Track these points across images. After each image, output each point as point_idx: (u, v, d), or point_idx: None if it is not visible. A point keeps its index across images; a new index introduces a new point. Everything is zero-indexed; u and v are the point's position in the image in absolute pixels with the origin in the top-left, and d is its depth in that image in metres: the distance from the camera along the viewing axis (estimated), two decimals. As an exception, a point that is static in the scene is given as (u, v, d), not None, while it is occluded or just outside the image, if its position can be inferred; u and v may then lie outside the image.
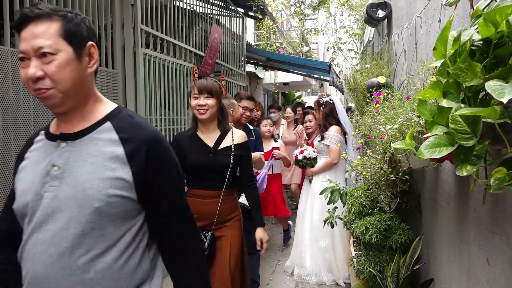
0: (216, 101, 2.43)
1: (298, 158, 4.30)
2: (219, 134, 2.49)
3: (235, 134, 2.54)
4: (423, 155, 1.08)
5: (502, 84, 0.89)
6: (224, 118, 2.53)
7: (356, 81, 4.30)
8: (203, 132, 2.51)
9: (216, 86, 2.45)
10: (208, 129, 2.50)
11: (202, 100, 2.41)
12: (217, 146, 2.47)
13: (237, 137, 2.52)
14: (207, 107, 2.41)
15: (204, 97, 2.41)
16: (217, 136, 2.49)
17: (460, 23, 1.75)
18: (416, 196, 2.77)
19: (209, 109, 2.41)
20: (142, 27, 3.81)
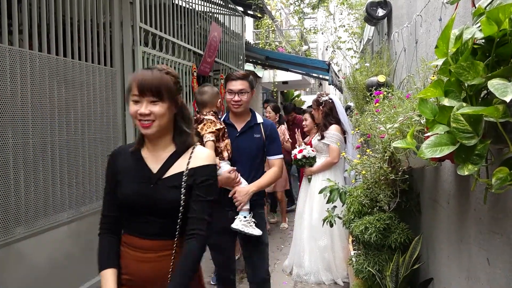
0: (168, 105, 1.57)
1: (297, 157, 4.29)
2: (171, 153, 1.65)
3: (196, 154, 1.65)
4: (424, 154, 1.07)
5: (505, 83, 0.88)
6: (188, 127, 1.68)
7: (356, 80, 4.29)
8: (149, 150, 1.67)
9: (167, 81, 1.57)
10: (156, 146, 1.65)
11: (145, 106, 1.53)
12: (163, 173, 1.62)
13: (197, 158, 1.64)
14: (153, 117, 1.54)
15: (148, 102, 1.54)
16: (167, 156, 1.64)
17: (461, 22, 1.74)
18: (416, 195, 2.77)
19: (156, 120, 1.55)
20: (141, 25, 3.80)
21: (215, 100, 2.71)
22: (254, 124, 2.70)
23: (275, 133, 2.78)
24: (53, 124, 2.82)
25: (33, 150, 2.65)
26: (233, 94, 2.62)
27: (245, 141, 2.67)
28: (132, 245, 1.63)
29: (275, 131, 2.79)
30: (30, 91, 2.62)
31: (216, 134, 2.55)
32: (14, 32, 2.53)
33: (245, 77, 2.67)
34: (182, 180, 1.59)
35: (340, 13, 7.95)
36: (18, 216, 2.54)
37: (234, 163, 2.64)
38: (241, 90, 2.62)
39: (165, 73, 1.59)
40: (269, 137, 2.73)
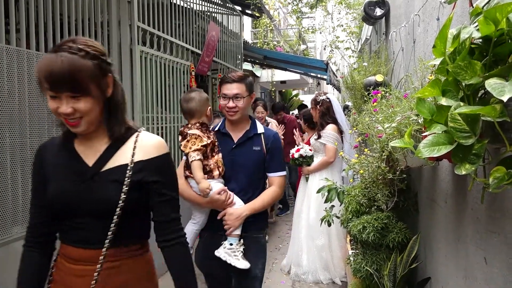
0: (94, 96, 1.25)
1: (294, 157, 4.29)
2: (109, 144, 1.37)
3: (142, 143, 1.38)
4: (422, 153, 1.07)
5: (502, 82, 0.88)
6: (118, 113, 1.36)
7: (354, 79, 4.30)
8: (82, 142, 1.39)
9: (85, 68, 1.20)
10: (90, 136, 1.37)
11: (66, 103, 1.22)
12: (101, 166, 1.35)
13: (144, 148, 1.37)
14: (78, 115, 1.25)
15: (68, 97, 1.22)
16: (105, 147, 1.37)
17: (458, 22, 1.74)
18: (414, 194, 2.77)
19: (84, 117, 1.26)
20: (139, 25, 3.79)
21: (204, 109, 2.30)
22: (253, 134, 2.29)
23: (278, 145, 2.35)
24: (51, 123, 2.81)
25: (30, 150, 2.64)
26: (227, 100, 2.23)
27: (242, 155, 2.27)
28: (68, 256, 1.34)
29: (278, 142, 2.35)
30: (28, 91, 2.61)
31: (202, 151, 2.18)
32: (12, 31, 2.52)
33: (242, 79, 2.26)
34: (125, 175, 1.31)
35: (338, 13, 7.96)
36: (15, 216, 2.53)
37: (228, 180, 2.26)
38: (237, 95, 2.22)
39: (81, 56, 1.19)
40: (270, 150, 2.30)
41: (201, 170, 2.16)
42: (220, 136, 2.31)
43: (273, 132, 2.37)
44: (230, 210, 2.19)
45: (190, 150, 2.16)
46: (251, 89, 2.31)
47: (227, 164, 2.25)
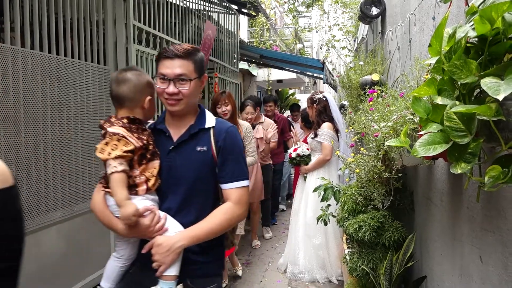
0: None
1: (292, 156, 4.30)
2: None
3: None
4: (418, 152, 1.07)
5: (497, 81, 0.88)
6: None
7: (350, 78, 4.30)
8: None
9: None
10: None
11: None
12: None
13: None
14: None
15: None
16: None
17: (454, 21, 1.74)
18: (409, 193, 2.78)
19: None
20: (135, 23, 3.77)
21: (140, 98, 1.65)
22: (199, 130, 1.66)
23: (234, 143, 1.69)
24: (45, 123, 2.80)
25: (25, 149, 2.62)
26: (166, 83, 1.58)
27: (182, 158, 1.64)
28: None
29: (234, 138, 1.69)
30: (22, 90, 2.59)
31: (127, 159, 1.55)
32: (6, 30, 2.51)
33: (188, 55, 1.61)
34: None
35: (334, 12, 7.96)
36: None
37: (164, 196, 1.65)
38: (181, 77, 1.58)
39: None
40: (222, 151, 1.65)
41: (124, 186, 1.53)
42: (156, 134, 1.68)
43: (227, 125, 1.71)
44: (159, 240, 1.52)
45: (109, 157, 1.52)
46: (202, 69, 1.66)
47: (163, 174, 1.64)
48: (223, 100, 3.77)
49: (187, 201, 1.63)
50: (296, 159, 4.29)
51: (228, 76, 6.79)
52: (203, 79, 1.68)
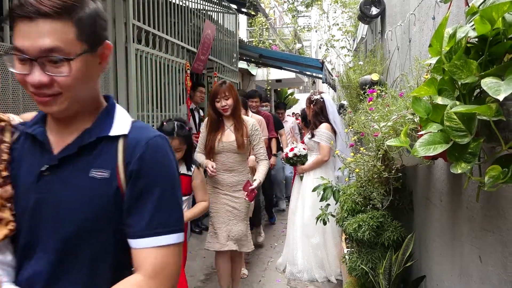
0: None
1: (288, 156, 4.30)
2: None
3: None
4: (418, 152, 1.07)
5: (498, 82, 0.88)
6: None
7: (349, 78, 4.30)
8: None
9: None
10: None
11: None
12: None
13: None
14: None
15: None
16: None
17: (454, 21, 1.74)
18: (409, 193, 2.78)
19: None
20: (134, 22, 3.77)
21: None
22: (98, 139, 0.98)
23: (161, 166, 1.00)
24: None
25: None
26: (27, 65, 0.89)
27: (62, 188, 0.96)
28: None
29: (161, 158, 1.00)
30: (21, 89, 2.59)
31: None
32: (6, 28, 2.50)
33: (63, 11, 0.88)
34: None
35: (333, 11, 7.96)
36: None
37: (25, 253, 0.96)
38: (51, 53, 0.88)
39: None
40: (136, 180, 0.96)
41: None
42: (25, 144, 1.03)
43: (151, 135, 1.01)
44: None
45: None
46: (94, 34, 0.98)
47: (24, 215, 0.96)
48: (222, 92, 3.22)
49: (66, 265, 0.95)
50: (292, 159, 4.29)
51: (227, 75, 6.79)
52: (102, 51, 1.00)
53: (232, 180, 3.35)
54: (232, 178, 3.35)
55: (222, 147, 3.30)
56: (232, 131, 3.33)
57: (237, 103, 3.31)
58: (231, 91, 3.25)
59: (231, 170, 3.35)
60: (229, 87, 3.24)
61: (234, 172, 3.36)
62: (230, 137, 3.31)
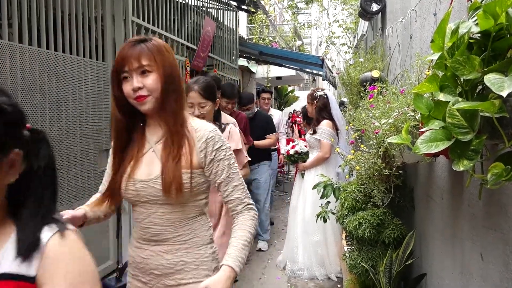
0: None
1: (289, 153, 4.28)
2: None
3: None
4: (420, 149, 1.06)
5: (501, 78, 0.87)
6: None
7: (350, 75, 4.29)
8: None
9: None
10: None
11: None
12: None
13: None
14: None
15: None
16: None
17: (456, 17, 1.73)
18: (410, 191, 2.77)
19: None
20: (133, 19, 3.75)
21: None
22: None
23: None
24: (44, 119, 2.78)
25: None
26: None
27: None
28: None
29: None
30: (20, 86, 2.57)
31: None
32: (4, 26, 2.49)
33: None
34: None
35: (334, 8, 7.94)
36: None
37: None
38: None
39: None
40: None
41: None
42: None
43: None
44: None
45: None
46: None
47: None
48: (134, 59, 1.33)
49: None
50: (294, 156, 4.27)
51: (227, 72, 6.77)
52: None
53: (162, 262, 1.49)
54: (161, 258, 1.50)
55: (134, 190, 1.46)
56: (158, 152, 1.47)
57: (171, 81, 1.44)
58: (155, 56, 1.41)
59: (159, 241, 1.49)
60: (152, 48, 1.41)
61: (166, 244, 1.49)
62: (152, 167, 1.46)
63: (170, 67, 1.43)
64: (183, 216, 1.47)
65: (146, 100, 1.39)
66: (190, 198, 1.45)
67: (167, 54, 1.44)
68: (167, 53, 1.44)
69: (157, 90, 1.39)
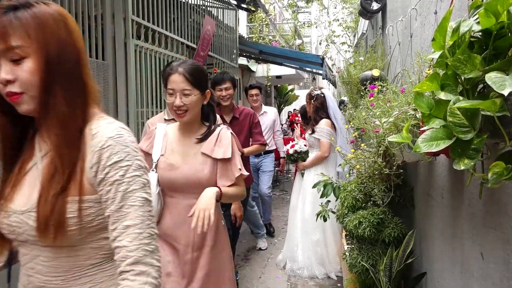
0: None
1: (289, 153, 4.28)
2: None
3: None
4: (420, 148, 1.05)
5: (502, 76, 0.87)
6: None
7: (350, 74, 4.28)
8: None
9: None
10: None
11: None
12: None
13: None
14: None
15: None
16: None
17: (456, 15, 1.72)
18: (410, 190, 2.77)
19: None
20: (133, 18, 3.74)
21: None
22: None
23: None
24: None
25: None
26: None
27: None
28: None
29: None
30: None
31: None
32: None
33: None
34: None
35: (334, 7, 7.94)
36: None
37: None
38: None
39: None
40: None
41: None
42: None
43: None
44: None
45: None
46: None
47: None
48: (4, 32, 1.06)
49: None
50: (293, 155, 4.27)
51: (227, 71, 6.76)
52: None
53: None
54: None
55: (8, 224, 1.01)
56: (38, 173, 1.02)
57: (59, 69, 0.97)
58: (32, 33, 0.93)
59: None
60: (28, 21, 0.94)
61: None
62: (32, 191, 0.99)
63: (58, 46, 0.96)
64: (77, 264, 1.00)
65: (21, 99, 0.95)
66: (87, 238, 0.99)
67: (55, 27, 0.96)
68: (54, 25, 0.96)
69: (34, 85, 0.94)
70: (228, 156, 1.88)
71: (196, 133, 1.93)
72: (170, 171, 1.87)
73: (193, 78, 1.83)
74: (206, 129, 1.95)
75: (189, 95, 1.82)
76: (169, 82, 1.84)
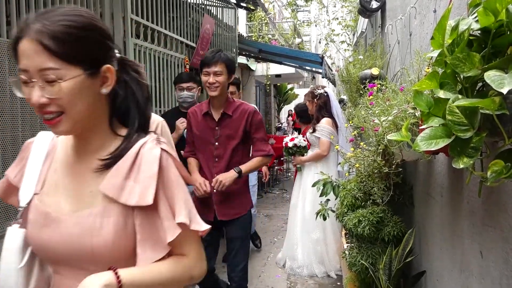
0: None
1: (288, 146, 4.26)
2: None
3: None
4: (419, 147, 1.05)
5: (501, 75, 0.87)
6: None
7: (349, 73, 4.28)
8: None
9: None
10: None
11: None
12: None
13: None
14: None
15: None
16: None
17: (456, 14, 1.72)
18: (409, 188, 2.77)
19: None
20: (132, 17, 3.74)
21: None
22: None
23: None
24: (42, 117, 2.78)
25: (22, 144, 2.60)
26: None
27: None
28: None
29: None
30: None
31: None
32: (2, 23, 2.48)
33: None
34: None
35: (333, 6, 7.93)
36: (8, 211, 2.50)
37: None
38: None
39: None
40: None
41: None
42: None
43: None
44: None
45: None
46: None
47: None
48: None
49: None
50: (292, 149, 4.25)
51: (226, 70, 6.76)
52: None
53: None
54: None
55: None
56: None
57: None
58: None
59: None
60: None
61: None
62: None
63: None
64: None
65: None
66: None
67: None
68: None
69: None
70: (149, 202, 0.95)
71: (100, 150, 1.03)
72: (43, 227, 0.99)
73: (60, 43, 0.88)
74: (119, 143, 1.03)
75: (55, 81, 0.89)
76: (18, 56, 0.91)
